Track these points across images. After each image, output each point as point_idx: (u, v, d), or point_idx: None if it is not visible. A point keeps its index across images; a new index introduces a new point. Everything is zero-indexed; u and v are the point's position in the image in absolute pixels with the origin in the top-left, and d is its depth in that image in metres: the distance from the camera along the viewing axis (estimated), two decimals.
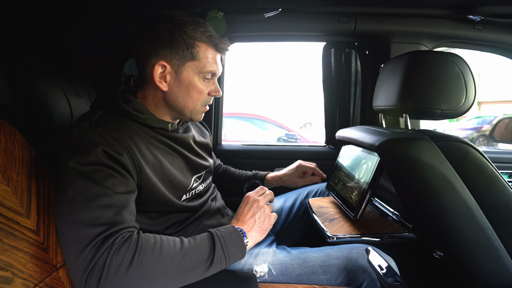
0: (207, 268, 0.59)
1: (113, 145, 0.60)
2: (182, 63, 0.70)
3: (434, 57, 0.81)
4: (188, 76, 0.71)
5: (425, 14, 1.14)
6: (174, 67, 0.70)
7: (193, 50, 0.69)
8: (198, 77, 0.72)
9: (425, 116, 0.85)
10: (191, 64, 0.71)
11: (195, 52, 0.70)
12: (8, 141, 0.60)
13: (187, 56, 0.69)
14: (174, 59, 0.69)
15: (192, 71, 0.71)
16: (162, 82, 0.70)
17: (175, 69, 0.70)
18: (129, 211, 0.59)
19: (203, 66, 0.71)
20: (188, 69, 0.71)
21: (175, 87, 0.71)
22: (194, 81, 0.72)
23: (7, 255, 0.49)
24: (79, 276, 0.50)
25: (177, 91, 0.72)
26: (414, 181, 0.72)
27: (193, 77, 0.72)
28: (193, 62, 0.70)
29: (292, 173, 1.10)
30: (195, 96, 0.73)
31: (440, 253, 0.78)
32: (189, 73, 0.71)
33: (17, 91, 0.80)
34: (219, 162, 1.20)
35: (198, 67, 0.71)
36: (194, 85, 0.72)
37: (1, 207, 0.51)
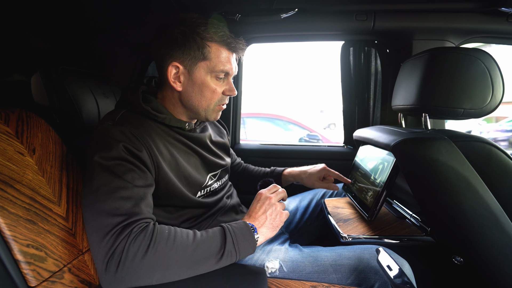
0: (218, 260, 0.62)
1: (133, 142, 0.65)
2: (194, 63, 0.72)
3: (457, 54, 0.78)
4: (201, 76, 0.74)
5: (450, 8, 1.09)
6: (186, 68, 0.73)
7: (204, 50, 0.72)
8: (210, 76, 0.75)
9: (446, 116, 0.82)
10: (202, 64, 0.73)
11: (206, 52, 0.72)
12: (44, 137, 0.67)
13: (199, 56, 0.72)
14: (186, 59, 0.72)
15: (204, 71, 0.73)
16: (176, 82, 0.74)
17: (188, 69, 0.73)
18: (146, 203, 0.63)
19: (215, 66, 0.73)
20: (200, 69, 0.73)
21: (189, 86, 0.75)
22: (207, 80, 0.74)
23: (41, 237, 0.55)
24: (100, 260, 0.54)
25: (190, 91, 0.75)
26: (431, 182, 0.70)
27: (205, 76, 0.74)
28: (204, 62, 0.73)
29: (313, 174, 1.04)
30: (208, 95, 0.76)
31: (460, 258, 0.74)
32: (201, 73, 0.73)
33: (52, 92, 0.88)
34: (239, 160, 1.21)
35: (210, 66, 0.73)
36: (207, 84, 0.75)
37: (37, 195, 0.58)
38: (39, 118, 0.69)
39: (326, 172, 1.03)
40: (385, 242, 0.82)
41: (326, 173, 1.03)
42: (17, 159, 0.57)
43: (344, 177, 1.04)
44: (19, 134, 0.61)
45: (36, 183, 0.59)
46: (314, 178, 1.04)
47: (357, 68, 1.38)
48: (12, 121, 0.61)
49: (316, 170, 1.04)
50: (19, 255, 0.49)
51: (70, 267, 0.58)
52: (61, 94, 0.89)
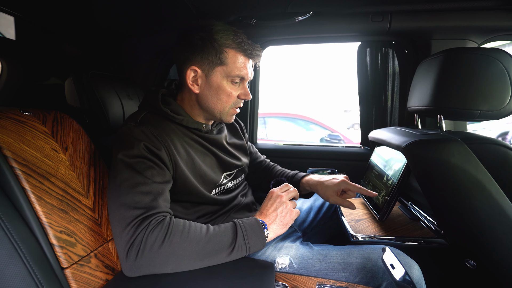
0: (229, 253, 0.66)
1: (153, 141, 0.70)
2: (211, 67, 0.77)
3: (474, 54, 0.76)
4: (217, 80, 0.78)
5: (471, 7, 1.06)
6: (204, 72, 0.77)
7: (221, 56, 0.76)
8: (226, 80, 0.79)
9: (462, 117, 0.81)
10: (219, 69, 0.77)
11: (223, 58, 0.76)
12: (75, 136, 0.75)
13: (216, 61, 0.76)
14: (204, 64, 0.76)
15: (220, 75, 0.78)
16: (194, 85, 0.79)
17: (206, 73, 0.77)
18: (164, 198, 0.68)
19: (231, 71, 0.77)
20: (217, 73, 0.77)
21: (206, 89, 0.79)
22: (223, 84, 0.78)
23: (72, 225, 0.62)
24: (122, 249, 0.60)
25: (207, 94, 0.79)
26: (443, 185, 0.70)
27: (221, 80, 0.78)
28: (221, 66, 0.77)
29: (329, 186, 0.93)
30: (224, 98, 0.80)
31: (473, 262, 0.73)
32: (217, 77, 0.78)
33: (83, 95, 0.97)
34: (263, 158, 1.21)
35: (226, 71, 0.77)
36: (223, 88, 0.79)
37: (69, 187, 0.65)
38: (71, 119, 0.77)
39: (345, 186, 0.91)
40: (395, 242, 0.82)
41: (345, 187, 0.91)
42: (52, 156, 0.65)
43: (368, 190, 0.89)
44: (54, 134, 0.68)
45: (68, 177, 0.66)
46: (329, 192, 0.92)
47: (374, 69, 1.37)
48: (49, 122, 0.69)
49: (333, 183, 0.92)
50: (53, 239, 0.56)
51: (96, 253, 0.65)
52: (90, 96, 0.97)
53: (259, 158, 1.21)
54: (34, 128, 0.64)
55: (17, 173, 0.55)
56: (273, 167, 1.18)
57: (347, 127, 9.40)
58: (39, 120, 0.67)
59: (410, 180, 0.89)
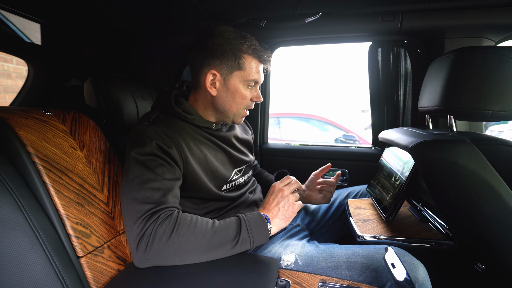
0: (233, 246, 0.68)
1: (165, 140, 0.74)
2: (230, 72, 0.81)
3: (486, 53, 0.74)
4: (235, 84, 0.82)
5: (487, 4, 1.03)
6: (223, 76, 0.81)
7: (240, 61, 0.80)
8: (243, 84, 0.83)
9: (473, 118, 0.79)
10: (237, 74, 0.81)
11: (241, 63, 0.80)
12: (91, 135, 0.79)
13: (235, 66, 0.80)
14: (223, 68, 0.80)
15: (238, 80, 0.82)
16: (212, 88, 0.82)
17: (224, 77, 0.81)
18: (173, 194, 0.71)
19: (248, 75, 0.81)
20: (235, 78, 0.81)
21: (223, 92, 0.83)
22: (240, 88, 0.82)
23: (87, 217, 0.66)
24: (132, 241, 0.64)
25: (224, 96, 0.83)
26: (450, 186, 0.69)
27: (238, 84, 0.82)
28: (239, 71, 0.81)
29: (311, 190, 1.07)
30: (239, 101, 0.84)
31: (482, 265, 0.72)
32: (235, 81, 0.82)
33: (100, 96, 1.02)
34: (256, 163, 1.24)
35: (244, 76, 0.81)
36: (239, 91, 0.83)
37: (85, 182, 0.69)
38: (88, 119, 0.82)
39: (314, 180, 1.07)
40: (402, 243, 0.81)
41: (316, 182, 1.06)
42: (70, 153, 0.69)
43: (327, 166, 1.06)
44: (73, 132, 0.73)
45: (84, 173, 0.71)
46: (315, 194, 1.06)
47: (385, 69, 1.35)
48: (68, 121, 0.74)
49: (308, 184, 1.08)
50: (70, 230, 0.60)
51: (109, 244, 0.69)
52: (107, 97, 1.02)
53: (255, 161, 1.24)
54: (55, 127, 0.69)
55: (39, 168, 0.60)
56: (261, 172, 1.23)
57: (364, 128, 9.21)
58: (59, 119, 0.72)
59: (420, 181, 0.88)
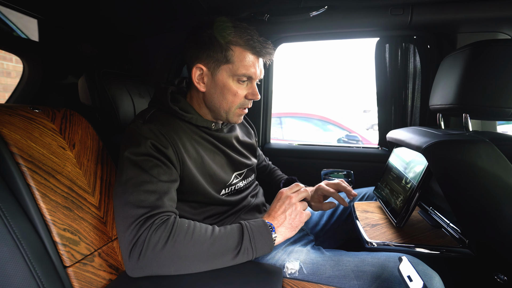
0: (234, 256, 0.63)
1: (160, 139, 0.69)
2: (217, 65, 0.74)
3: (506, 46, 0.69)
4: (223, 78, 0.75)
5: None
6: (210, 70, 0.75)
7: (227, 54, 0.73)
8: (232, 79, 0.75)
9: (492, 116, 0.73)
10: (225, 67, 0.74)
11: (229, 56, 0.73)
12: (83, 133, 0.75)
13: (222, 59, 0.73)
14: (210, 62, 0.74)
15: (226, 74, 0.75)
16: (200, 83, 0.77)
17: (211, 71, 0.75)
18: (169, 197, 0.66)
19: (237, 69, 0.74)
20: (223, 72, 0.75)
21: (211, 88, 0.77)
22: (229, 83, 0.75)
23: (76, 223, 0.61)
24: (125, 247, 0.59)
25: (213, 92, 0.77)
26: (468, 190, 0.63)
27: (227, 79, 0.75)
28: (227, 65, 0.74)
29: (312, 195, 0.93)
30: (230, 98, 0.77)
31: (503, 277, 0.66)
32: (223, 76, 0.75)
33: (95, 93, 0.98)
34: (266, 162, 1.21)
35: (232, 70, 0.74)
36: (229, 87, 0.76)
37: (74, 185, 0.65)
38: (81, 117, 0.77)
39: (321, 190, 0.90)
40: (414, 251, 0.76)
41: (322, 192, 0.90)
42: (59, 153, 0.65)
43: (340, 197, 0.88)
44: (63, 131, 0.69)
45: (74, 175, 0.66)
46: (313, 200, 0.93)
47: (393, 66, 1.30)
48: (58, 119, 0.69)
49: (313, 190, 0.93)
50: (57, 237, 0.56)
51: (100, 252, 0.64)
52: (102, 94, 0.98)
53: (263, 162, 1.20)
54: (42, 125, 0.65)
55: (23, 170, 0.55)
56: (273, 170, 1.18)
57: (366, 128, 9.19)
58: (48, 117, 0.68)
59: (431, 184, 0.83)
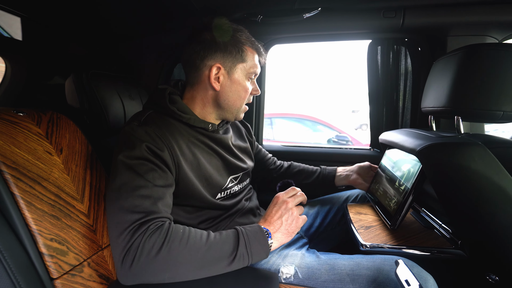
0: (230, 262, 0.62)
1: (156, 142, 0.67)
2: (234, 64, 0.78)
3: (496, 50, 0.70)
4: (239, 77, 0.80)
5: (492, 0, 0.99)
6: (226, 69, 0.78)
7: (242, 54, 0.79)
8: (245, 77, 0.81)
9: (483, 119, 0.75)
10: (240, 66, 0.79)
11: (244, 55, 0.79)
12: (71, 137, 0.72)
13: (238, 59, 0.78)
14: (227, 61, 0.78)
15: (241, 72, 0.80)
16: (216, 82, 0.78)
17: (228, 70, 0.78)
18: (164, 203, 0.64)
19: (250, 67, 0.81)
20: (238, 70, 0.79)
21: (227, 86, 0.79)
22: (244, 80, 0.81)
23: (64, 232, 0.59)
24: (118, 254, 0.57)
25: (228, 90, 0.80)
26: (461, 192, 0.64)
27: (242, 77, 0.81)
28: (242, 64, 0.79)
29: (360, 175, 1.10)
30: (243, 94, 0.82)
31: (495, 277, 0.67)
32: (239, 74, 0.80)
33: (83, 95, 0.94)
34: (279, 162, 1.20)
35: (246, 68, 0.80)
36: (243, 84, 0.81)
37: (62, 192, 0.62)
38: (68, 120, 0.74)
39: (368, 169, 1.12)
40: (409, 253, 0.76)
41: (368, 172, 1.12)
42: (45, 158, 0.62)
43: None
44: (49, 135, 0.66)
45: (62, 181, 0.63)
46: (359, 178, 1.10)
47: (385, 67, 1.31)
48: (44, 123, 0.66)
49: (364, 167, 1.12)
50: (43, 248, 0.53)
51: (89, 261, 0.62)
52: (90, 96, 0.94)
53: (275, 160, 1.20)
54: (27, 129, 0.62)
55: (6, 177, 0.52)
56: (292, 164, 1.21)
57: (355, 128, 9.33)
58: (33, 121, 0.65)
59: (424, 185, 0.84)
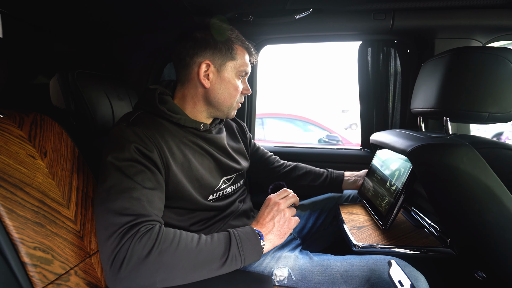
0: (222, 264, 0.61)
1: (145, 143, 0.66)
2: (223, 62, 0.78)
3: (482, 53, 0.72)
4: (228, 74, 0.80)
5: (477, 5, 1.02)
6: (216, 66, 0.78)
7: (232, 52, 0.79)
8: (235, 75, 0.81)
9: (470, 120, 0.76)
10: (230, 64, 0.79)
11: (234, 53, 0.79)
12: (56, 140, 0.69)
13: (228, 56, 0.78)
14: (216, 58, 0.77)
15: (231, 70, 0.80)
16: (205, 79, 0.78)
17: (217, 67, 0.78)
18: (154, 205, 0.63)
19: (240, 66, 0.81)
20: (228, 68, 0.79)
21: (216, 84, 0.79)
22: (233, 78, 0.81)
23: (49, 240, 0.56)
24: (106, 257, 0.55)
25: (218, 88, 0.79)
26: (450, 192, 0.65)
27: (232, 74, 0.80)
28: (232, 61, 0.79)
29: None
30: (233, 92, 0.81)
31: (482, 274, 0.69)
32: (229, 72, 0.80)
33: (68, 95, 0.91)
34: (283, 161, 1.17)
35: (236, 66, 0.80)
36: (233, 82, 0.81)
37: (46, 197, 0.59)
38: (53, 121, 0.71)
39: None
40: (400, 252, 0.77)
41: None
42: (28, 162, 0.59)
43: None
44: (32, 138, 0.63)
45: (46, 186, 0.60)
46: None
47: (375, 69, 1.33)
48: (26, 125, 0.63)
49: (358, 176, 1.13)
50: (26, 257, 0.50)
51: (76, 269, 0.59)
52: (76, 97, 0.91)
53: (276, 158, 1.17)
54: (8, 132, 0.58)
55: None
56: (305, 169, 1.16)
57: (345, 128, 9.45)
58: (15, 123, 0.61)
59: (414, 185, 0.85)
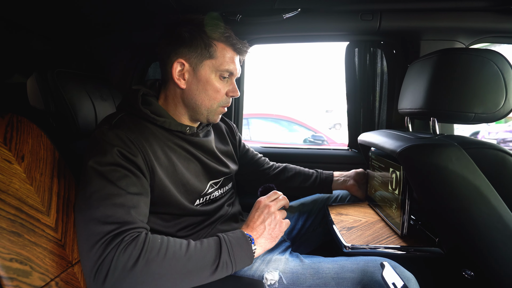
0: (213, 271, 0.59)
1: (129, 147, 0.63)
2: (200, 61, 0.73)
3: (468, 55, 0.73)
4: (205, 74, 0.74)
5: (460, 7, 1.05)
6: (192, 65, 0.73)
7: (210, 49, 0.72)
8: (215, 75, 0.75)
9: (456, 120, 0.78)
10: (208, 62, 0.73)
11: (212, 51, 0.73)
12: (35, 143, 0.65)
13: (205, 54, 0.73)
14: (192, 57, 0.72)
15: (209, 69, 0.74)
16: (181, 79, 0.74)
17: (193, 67, 0.73)
18: (139, 212, 0.60)
19: (220, 65, 0.74)
20: (206, 67, 0.73)
21: (193, 84, 0.74)
22: (211, 78, 0.74)
23: (27, 250, 0.52)
24: (89, 270, 0.52)
25: (194, 89, 0.74)
26: (440, 192, 0.66)
27: (210, 74, 0.74)
28: (210, 60, 0.73)
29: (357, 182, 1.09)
30: (212, 94, 0.75)
31: (470, 272, 0.70)
32: (206, 71, 0.74)
33: (48, 95, 0.86)
34: (272, 163, 1.14)
35: (215, 65, 0.74)
36: (211, 83, 0.74)
37: (24, 204, 0.55)
38: (31, 123, 0.67)
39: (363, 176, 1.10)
40: (390, 252, 0.78)
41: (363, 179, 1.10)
42: (3, 167, 0.55)
43: None
44: (7, 141, 0.59)
45: (24, 192, 0.56)
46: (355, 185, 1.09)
47: (362, 69, 1.34)
48: (1, 127, 0.59)
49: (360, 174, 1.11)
50: (1, 270, 0.47)
51: (57, 280, 0.56)
52: (56, 97, 0.87)
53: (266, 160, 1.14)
54: None
55: None
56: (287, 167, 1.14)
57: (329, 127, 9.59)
58: None
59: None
